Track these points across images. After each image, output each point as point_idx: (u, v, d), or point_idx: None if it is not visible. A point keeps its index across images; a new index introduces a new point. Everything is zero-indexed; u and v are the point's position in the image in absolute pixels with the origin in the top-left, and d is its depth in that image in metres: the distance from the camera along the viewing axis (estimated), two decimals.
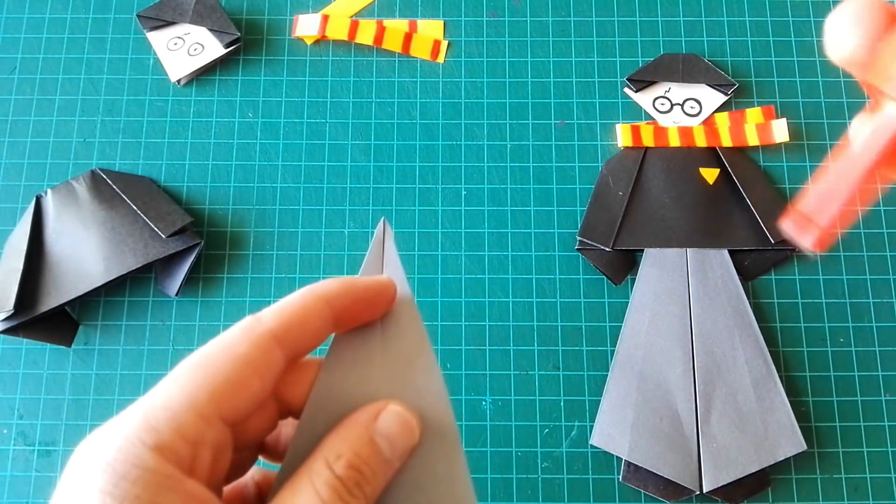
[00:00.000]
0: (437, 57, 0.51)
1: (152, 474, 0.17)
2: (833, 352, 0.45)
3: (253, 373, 0.19)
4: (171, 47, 0.51)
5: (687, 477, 0.41)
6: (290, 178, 0.48)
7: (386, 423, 0.21)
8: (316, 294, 0.21)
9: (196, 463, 0.18)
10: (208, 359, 0.19)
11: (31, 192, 0.48)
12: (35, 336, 0.44)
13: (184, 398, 0.18)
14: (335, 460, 0.20)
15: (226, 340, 0.20)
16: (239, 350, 0.20)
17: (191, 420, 0.18)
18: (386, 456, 0.20)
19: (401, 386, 0.22)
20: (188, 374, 0.19)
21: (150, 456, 0.17)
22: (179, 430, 0.18)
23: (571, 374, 0.45)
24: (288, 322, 0.21)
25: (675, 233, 0.46)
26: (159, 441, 0.17)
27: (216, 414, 0.19)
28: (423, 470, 0.21)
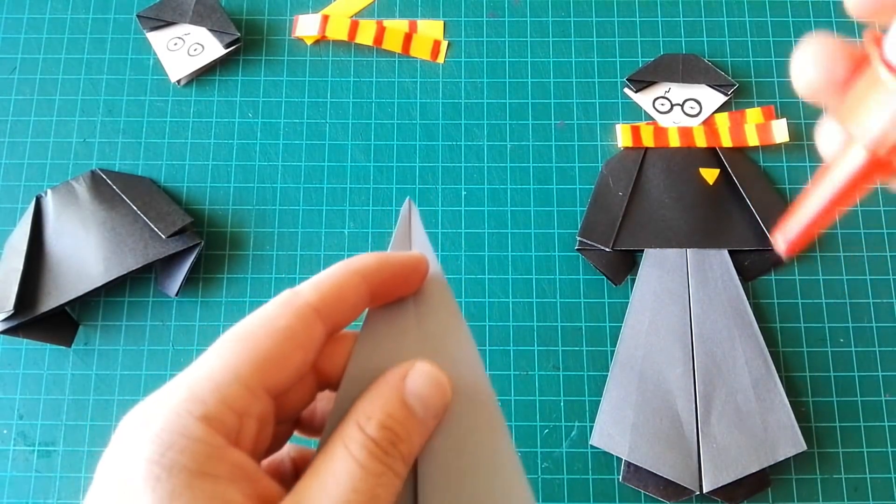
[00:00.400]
0: (437, 57, 0.51)
1: (200, 444, 0.17)
2: (833, 352, 0.45)
3: (296, 346, 0.20)
4: (171, 48, 0.51)
5: (687, 477, 0.41)
6: (290, 178, 0.48)
7: (415, 382, 0.21)
8: (352, 268, 0.22)
9: (241, 434, 0.18)
10: (250, 332, 0.19)
11: (31, 192, 0.48)
12: (35, 336, 0.44)
13: (228, 371, 0.18)
14: (366, 422, 0.19)
15: (266, 314, 0.20)
16: (280, 323, 0.20)
17: (237, 391, 0.18)
18: (418, 414, 0.20)
19: (434, 356, 0.22)
20: (230, 347, 0.19)
21: (198, 426, 0.17)
22: (226, 402, 0.18)
23: (571, 375, 0.45)
24: (326, 295, 0.21)
25: (675, 233, 0.46)
26: (206, 412, 0.17)
27: (261, 385, 0.19)
28: (463, 437, 0.21)
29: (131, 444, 0.17)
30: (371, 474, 0.19)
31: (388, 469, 0.19)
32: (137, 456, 0.16)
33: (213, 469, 0.17)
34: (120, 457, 0.17)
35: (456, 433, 0.21)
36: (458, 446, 0.21)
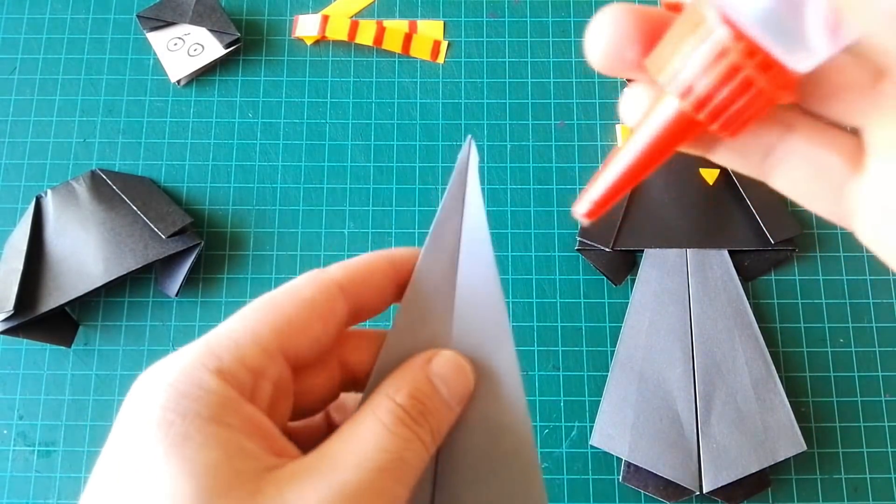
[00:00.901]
0: (437, 57, 0.51)
1: (213, 395, 0.17)
2: (833, 352, 0.45)
3: (316, 316, 0.20)
4: (171, 48, 0.51)
5: (687, 477, 0.41)
6: (290, 178, 0.48)
7: (440, 366, 0.21)
8: (382, 254, 0.22)
9: (256, 393, 0.18)
10: (273, 300, 0.20)
11: (31, 192, 0.48)
12: (35, 336, 0.44)
13: (247, 332, 0.19)
14: (395, 392, 0.20)
15: (291, 285, 0.20)
16: (303, 293, 0.20)
17: (253, 351, 0.18)
18: (444, 396, 0.20)
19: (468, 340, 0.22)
20: (253, 312, 0.19)
21: (212, 378, 0.17)
22: (241, 359, 0.18)
23: (571, 375, 0.45)
24: (352, 274, 0.21)
25: (675, 233, 0.46)
26: (221, 366, 0.18)
27: (278, 349, 0.19)
28: (484, 430, 0.21)
29: (146, 394, 0.17)
30: (399, 437, 0.19)
31: (416, 437, 0.19)
32: (152, 404, 0.17)
33: (226, 418, 0.17)
34: (135, 405, 0.17)
35: (478, 426, 0.21)
36: (479, 439, 0.21)
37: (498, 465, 0.21)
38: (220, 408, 0.17)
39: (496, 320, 0.22)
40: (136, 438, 0.17)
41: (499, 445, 0.21)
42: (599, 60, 0.17)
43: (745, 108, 0.16)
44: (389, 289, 0.22)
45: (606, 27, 0.17)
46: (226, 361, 0.18)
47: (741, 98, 0.16)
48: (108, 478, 0.17)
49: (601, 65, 0.17)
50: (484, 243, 0.22)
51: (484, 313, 0.22)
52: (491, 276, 0.22)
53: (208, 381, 0.17)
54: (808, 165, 0.17)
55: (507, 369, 0.22)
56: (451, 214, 0.23)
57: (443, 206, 0.23)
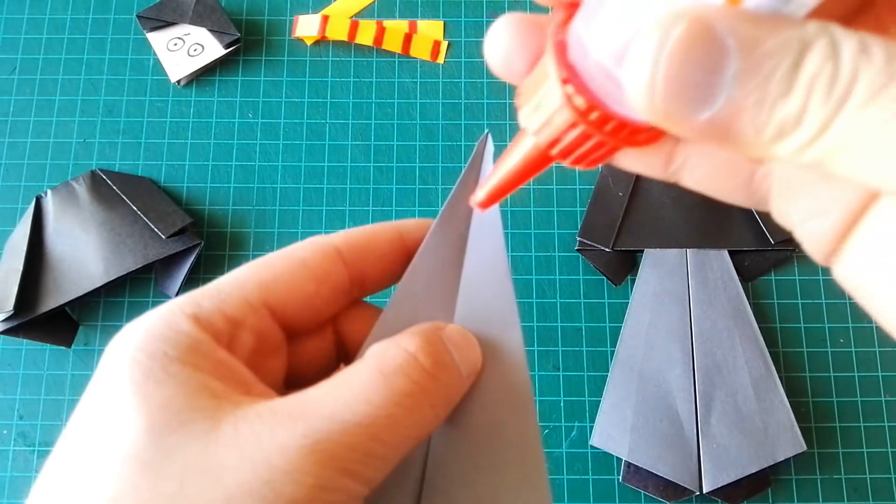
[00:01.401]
0: (437, 57, 0.51)
1: (185, 336, 0.17)
2: (833, 352, 0.45)
3: (308, 275, 0.20)
4: (171, 48, 0.51)
5: (687, 477, 0.41)
6: (290, 178, 0.48)
7: (452, 333, 0.20)
8: (390, 223, 0.22)
9: (235, 342, 0.18)
10: (268, 257, 0.20)
11: (31, 192, 0.48)
12: (35, 337, 0.44)
13: (232, 283, 0.19)
14: (408, 341, 0.18)
15: (289, 247, 0.20)
16: (297, 253, 0.20)
17: (234, 300, 0.18)
18: (457, 362, 0.19)
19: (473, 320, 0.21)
20: (245, 267, 0.19)
21: (186, 322, 0.17)
22: (220, 307, 0.18)
23: (571, 375, 0.45)
24: (353, 238, 0.21)
25: (674, 233, 0.46)
26: (199, 312, 0.18)
27: (260, 301, 0.19)
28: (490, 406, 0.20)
29: (124, 337, 0.17)
30: (393, 390, 0.17)
31: (421, 391, 0.17)
32: (127, 344, 0.17)
33: (193, 360, 0.17)
34: (113, 347, 0.17)
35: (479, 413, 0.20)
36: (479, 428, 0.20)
37: (501, 454, 0.20)
38: (188, 349, 0.17)
39: (504, 304, 0.21)
40: (106, 377, 0.17)
41: (503, 433, 0.20)
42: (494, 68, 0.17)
43: (593, 151, 0.16)
44: (395, 258, 0.21)
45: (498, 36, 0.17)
46: (205, 308, 0.18)
47: (584, 145, 0.16)
48: (80, 415, 0.17)
49: (496, 72, 0.17)
50: (495, 226, 0.22)
51: (491, 296, 0.21)
52: (500, 261, 0.21)
53: (181, 324, 0.17)
54: (710, 163, 0.17)
55: (514, 356, 0.21)
56: (464, 195, 0.22)
57: (457, 187, 0.22)
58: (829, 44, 0.12)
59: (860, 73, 0.12)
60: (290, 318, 0.20)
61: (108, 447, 0.15)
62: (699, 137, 0.13)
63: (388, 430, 0.16)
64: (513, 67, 0.17)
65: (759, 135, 0.13)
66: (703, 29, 0.12)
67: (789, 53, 0.12)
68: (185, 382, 0.16)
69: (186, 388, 0.16)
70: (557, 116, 0.16)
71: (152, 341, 0.17)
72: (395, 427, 0.16)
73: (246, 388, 0.17)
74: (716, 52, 0.12)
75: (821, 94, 0.12)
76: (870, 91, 0.12)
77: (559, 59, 0.16)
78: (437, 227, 0.22)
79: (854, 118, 0.12)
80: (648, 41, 0.13)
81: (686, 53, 0.12)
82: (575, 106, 0.15)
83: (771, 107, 0.12)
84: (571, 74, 0.15)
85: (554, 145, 0.17)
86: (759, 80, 0.12)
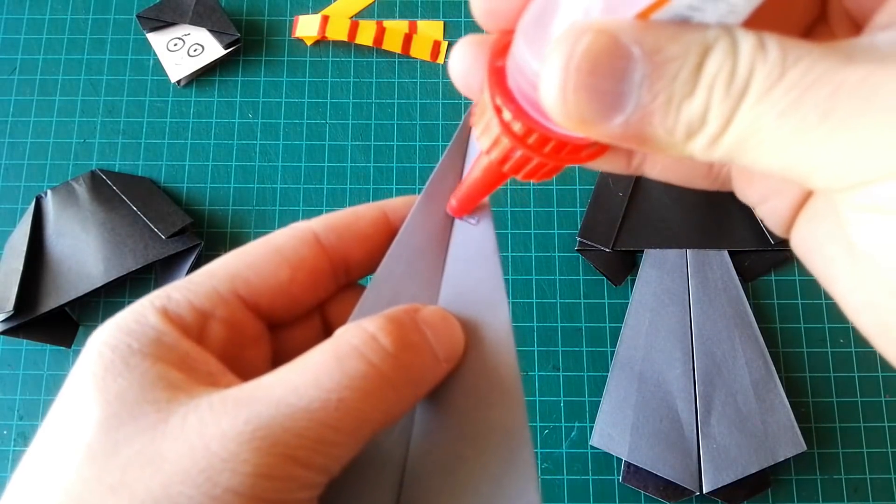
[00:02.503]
0: (437, 58, 0.51)
1: (150, 329, 0.17)
2: (833, 353, 0.45)
3: (280, 261, 0.19)
4: (171, 48, 0.51)
5: (687, 478, 0.41)
6: (290, 179, 0.48)
7: (428, 315, 0.19)
8: (373, 203, 0.21)
9: (205, 333, 0.18)
10: (244, 247, 0.19)
11: (31, 192, 0.48)
12: (35, 337, 0.44)
13: (204, 274, 0.19)
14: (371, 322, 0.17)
15: (268, 235, 0.20)
16: (272, 241, 0.19)
17: (203, 291, 0.18)
18: (430, 342, 0.18)
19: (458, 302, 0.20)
20: (221, 258, 0.19)
21: (153, 314, 0.17)
22: (189, 299, 0.18)
23: (571, 375, 0.45)
24: (333, 221, 0.20)
25: (674, 233, 0.46)
26: (167, 304, 0.18)
27: (231, 290, 0.18)
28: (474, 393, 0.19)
29: (96, 333, 0.17)
30: (344, 373, 0.16)
31: (377, 374, 0.16)
32: (94, 340, 0.17)
33: (156, 351, 0.17)
34: (87, 344, 0.17)
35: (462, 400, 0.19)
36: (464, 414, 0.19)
37: (485, 440, 0.19)
38: (153, 341, 0.17)
39: (491, 287, 0.20)
40: (75, 373, 0.17)
41: (488, 419, 0.19)
42: (457, 87, 0.18)
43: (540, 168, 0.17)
44: (380, 240, 0.20)
45: (458, 57, 0.17)
46: (174, 300, 0.18)
47: (529, 164, 0.17)
48: (51, 411, 0.17)
49: (460, 90, 0.18)
50: (482, 206, 0.21)
51: (478, 278, 0.20)
52: (488, 241, 0.20)
53: (148, 318, 0.17)
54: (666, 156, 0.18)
55: (501, 338, 0.20)
56: (446, 175, 0.21)
57: (443, 161, 0.21)
58: (729, 44, 0.12)
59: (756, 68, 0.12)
60: (266, 306, 0.19)
61: (67, 440, 0.16)
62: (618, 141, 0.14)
63: (340, 415, 0.15)
64: (472, 87, 0.17)
65: (672, 135, 0.13)
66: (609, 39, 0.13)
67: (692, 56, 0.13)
68: (142, 374, 0.16)
69: (143, 380, 0.16)
70: (501, 140, 0.16)
71: (118, 334, 0.17)
72: (348, 412, 0.16)
73: (212, 380, 0.17)
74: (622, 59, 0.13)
75: (721, 91, 0.13)
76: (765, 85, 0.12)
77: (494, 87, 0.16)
78: (422, 203, 0.21)
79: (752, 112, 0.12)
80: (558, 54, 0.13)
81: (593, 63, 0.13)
82: (513, 132, 0.16)
83: (677, 107, 0.13)
84: (508, 100, 0.16)
85: (504, 163, 0.17)
86: (664, 83, 0.13)
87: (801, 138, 0.12)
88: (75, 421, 0.16)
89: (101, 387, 0.16)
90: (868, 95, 0.12)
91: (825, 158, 0.13)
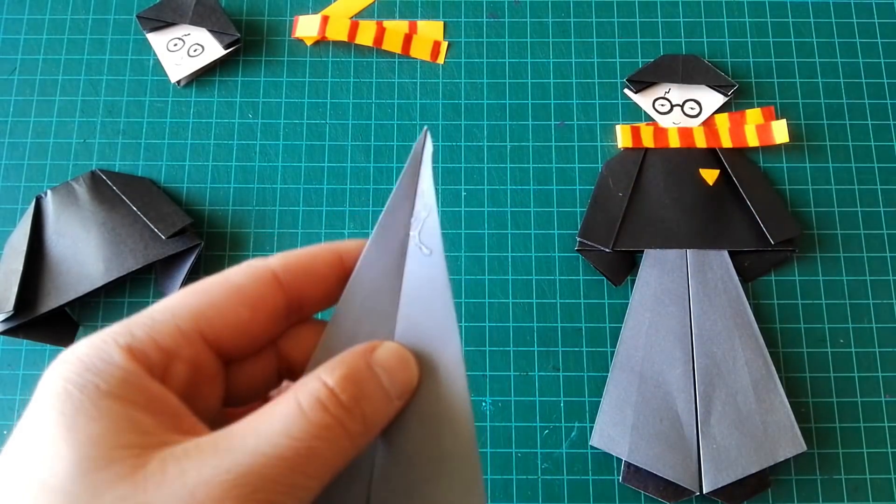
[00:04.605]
0: (436, 58, 0.51)
1: (116, 369, 0.17)
2: (833, 353, 0.45)
3: (242, 301, 0.19)
4: (171, 48, 0.51)
5: (687, 478, 0.41)
6: (290, 179, 0.48)
7: (383, 355, 0.20)
8: (328, 245, 0.22)
9: (169, 373, 0.18)
10: (203, 283, 0.20)
11: (31, 192, 0.48)
12: (35, 337, 0.44)
13: (166, 311, 0.19)
14: (328, 373, 0.18)
15: (225, 272, 0.20)
16: (233, 279, 0.20)
17: (168, 330, 0.18)
18: (384, 385, 0.19)
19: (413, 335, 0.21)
20: (180, 294, 0.19)
21: (118, 353, 0.17)
22: (153, 338, 0.18)
23: (571, 375, 0.45)
24: (291, 263, 0.21)
25: (674, 234, 0.46)
26: (132, 342, 0.18)
27: (195, 330, 0.19)
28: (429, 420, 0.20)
29: (57, 366, 0.17)
30: (312, 424, 0.17)
31: (339, 424, 0.18)
32: (57, 376, 0.17)
33: (125, 393, 0.17)
34: (46, 378, 0.17)
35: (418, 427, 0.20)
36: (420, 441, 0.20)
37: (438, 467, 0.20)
38: (121, 382, 0.17)
39: (443, 317, 0.21)
40: (38, 409, 0.17)
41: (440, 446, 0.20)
42: None
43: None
44: (334, 280, 0.21)
45: None
46: (138, 338, 0.18)
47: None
48: (12, 445, 0.17)
49: None
50: (434, 236, 0.21)
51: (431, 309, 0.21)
52: (439, 272, 0.21)
53: (114, 356, 0.17)
54: None
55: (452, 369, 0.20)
56: (400, 205, 0.22)
57: (393, 197, 0.22)
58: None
59: None
60: (225, 345, 0.19)
61: (36, 481, 0.16)
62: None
63: (308, 462, 0.17)
64: None
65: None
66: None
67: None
68: (115, 419, 0.16)
69: (116, 426, 0.16)
70: None
71: (84, 373, 0.17)
72: (315, 458, 0.17)
73: (176, 423, 0.17)
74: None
75: None
76: None
77: None
78: (374, 240, 0.21)
79: None
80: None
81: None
82: None
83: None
84: None
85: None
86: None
87: None
88: (44, 462, 0.16)
89: (73, 428, 0.16)
90: None
91: None
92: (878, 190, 0.48)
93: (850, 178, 0.48)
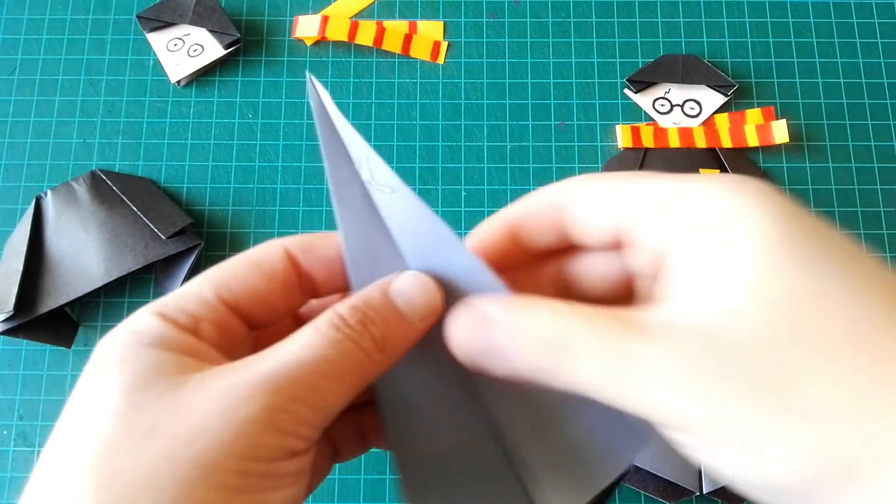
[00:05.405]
0: (436, 58, 0.51)
1: (153, 327, 0.20)
2: None
3: (256, 271, 0.22)
4: (171, 48, 0.51)
5: (687, 478, 0.41)
6: (290, 179, 0.48)
7: (399, 283, 0.22)
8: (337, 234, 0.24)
9: (199, 332, 0.21)
10: (227, 261, 0.23)
11: (31, 192, 0.48)
12: (35, 337, 0.44)
13: (192, 284, 0.22)
14: (341, 305, 0.21)
15: (247, 251, 0.23)
16: (249, 254, 0.23)
17: (192, 298, 0.21)
18: (402, 309, 0.21)
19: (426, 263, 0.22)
20: (207, 270, 0.22)
21: (152, 318, 0.20)
22: (180, 304, 0.21)
23: None
24: (303, 241, 0.23)
25: None
26: (162, 309, 0.21)
27: (217, 297, 0.21)
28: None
29: (101, 341, 0.20)
30: (325, 337, 0.20)
31: (349, 340, 0.20)
32: (104, 344, 0.20)
33: (161, 343, 0.20)
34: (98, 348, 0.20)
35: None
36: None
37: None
38: (159, 337, 0.20)
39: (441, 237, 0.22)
40: (93, 367, 0.20)
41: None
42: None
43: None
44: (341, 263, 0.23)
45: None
46: (167, 305, 0.21)
47: None
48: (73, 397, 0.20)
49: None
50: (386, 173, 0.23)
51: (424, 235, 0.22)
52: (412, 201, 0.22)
53: (150, 321, 0.20)
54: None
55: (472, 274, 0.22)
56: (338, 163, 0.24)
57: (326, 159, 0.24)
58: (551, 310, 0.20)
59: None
60: (247, 311, 0.22)
61: (95, 406, 0.19)
62: (527, 375, 0.20)
63: (326, 367, 0.19)
64: None
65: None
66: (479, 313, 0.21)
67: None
68: (157, 359, 0.19)
69: (159, 361, 0.19)
70: None
71: (125, 334, 0.20)
72: (332, 365, 0.20)
73: (214, 362, 0.20)
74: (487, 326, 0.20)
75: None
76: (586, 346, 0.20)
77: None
78: (340, 208, 0.23)
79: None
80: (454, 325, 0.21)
81: (471, 332, 0.21)
82: None
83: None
84: None
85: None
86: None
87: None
88: (100, 392, 0.19)
89: (121, 366, 0.19)
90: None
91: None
92: (878, 190, 0.48)
93: (850, 178, 0.48)
